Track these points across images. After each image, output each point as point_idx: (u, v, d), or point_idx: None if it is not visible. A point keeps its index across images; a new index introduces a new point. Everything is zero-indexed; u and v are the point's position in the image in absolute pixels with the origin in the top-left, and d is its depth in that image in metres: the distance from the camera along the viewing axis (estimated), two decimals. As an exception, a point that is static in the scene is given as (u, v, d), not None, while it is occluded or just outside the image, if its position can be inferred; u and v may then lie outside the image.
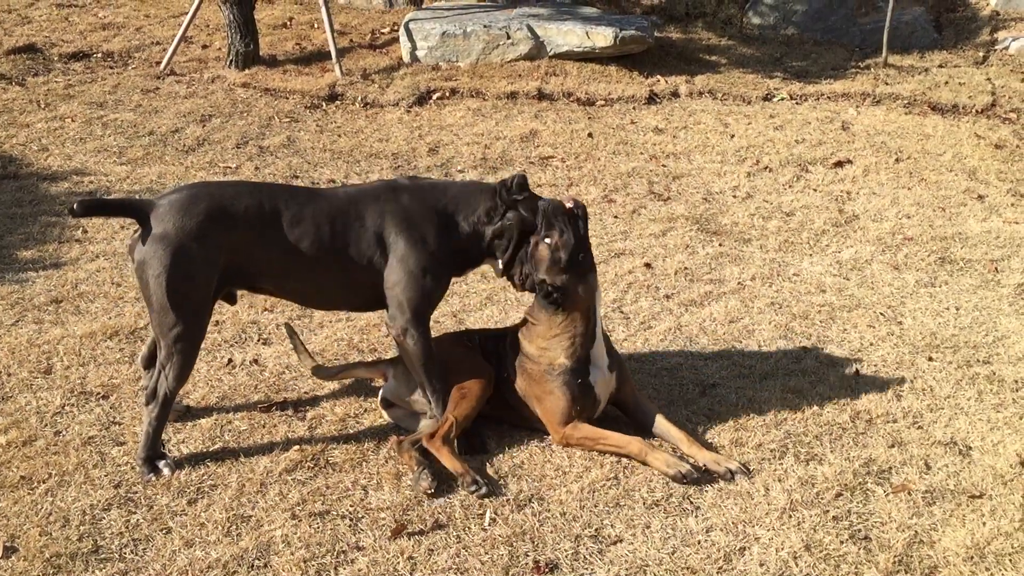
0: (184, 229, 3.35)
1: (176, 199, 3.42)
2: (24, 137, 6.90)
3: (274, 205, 3.51)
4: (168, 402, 3.47)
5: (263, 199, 3.51)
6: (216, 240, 3.39)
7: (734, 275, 5.19)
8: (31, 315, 4.61)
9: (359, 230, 3.56)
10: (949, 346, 4.46)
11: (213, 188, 3.54)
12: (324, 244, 3.53)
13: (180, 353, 3.42)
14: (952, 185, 6.45)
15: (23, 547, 3.11)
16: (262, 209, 3.48)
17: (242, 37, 8.36)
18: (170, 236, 3.33)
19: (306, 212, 3.54)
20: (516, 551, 3.16)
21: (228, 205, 3.43)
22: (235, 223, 3.43)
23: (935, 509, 3.35)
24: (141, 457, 3.49)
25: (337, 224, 3.55)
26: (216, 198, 3.44)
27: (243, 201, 3.47)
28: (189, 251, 3.34)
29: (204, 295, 3.43)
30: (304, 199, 3.60)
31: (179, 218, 3.35)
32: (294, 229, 3.50)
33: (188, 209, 3.37)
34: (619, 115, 7.84)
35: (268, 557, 3.11)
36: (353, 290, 3.64)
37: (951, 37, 9.77)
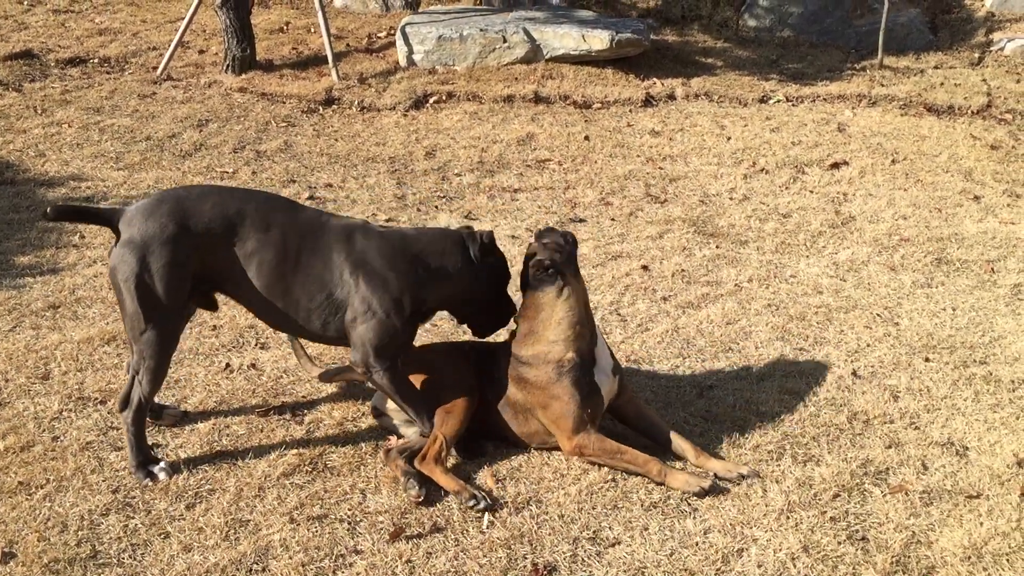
0: (149, 234, 3.34)
1: (142, 205, 3.43)
2: (21, 143, 6.90)
3: (240, 210, 3.45)
4: (142, 407, 3.47)
5: (229, 204, 3.45)
6: (182, 244, 3.36)
7: (731, 277, 5.20)
8: (28, 321, 4.62)
9: (324, 258, 3.49)
10: (946, 347, 4.47)
11: (180, 192, 3.52)
12: (287, 261, 3.46)
13: (152, 357, 3.41)
14: (948, 186, 6.47)
15: (21, 552, 3.11)
16: (227, 214, 3.43)
17: (239, 42, 8.37)
18: (136, 241, 3.34)
19: (274, 223, 3.47)
20: (514, 554, 3.16)
21: (192, 209, 3.40)
22: (199, 227, 3.39)
23: (932, 509, 3.36)
24: (133, 465, 3.50)
25: (305, 243, 3.48)
26: (181, 202, 3.41)
27: (208, 205, 3.43)
28: (155, 256, 3.33)
29: (173, 299, 3.39)
30: (276, 209, 3.53)
31: (145, 224, 3.35)
32: (259, 238, 3.44)
33: (152, 214, 3.37)
34: (615, 118, 7.85)
35: (266, 561, 3.11)
36: (308, 316, 3.52)
37: (946, 38, 9.79)
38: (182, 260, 3.37)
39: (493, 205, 6.18)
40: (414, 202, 6.19)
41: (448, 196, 6.30)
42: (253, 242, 3.43)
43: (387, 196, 6.24)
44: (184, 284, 3.41)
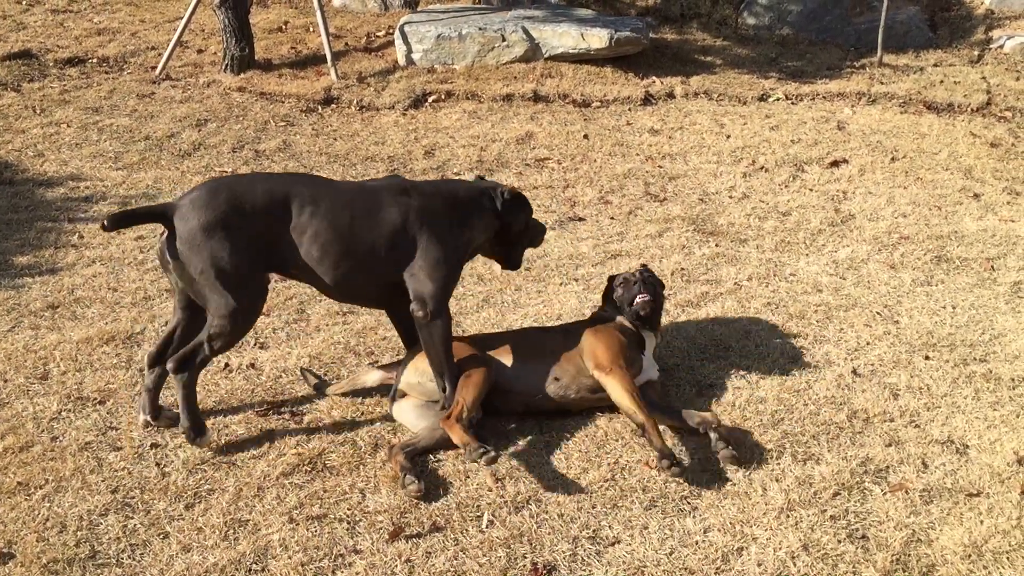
0: (210, 224, 3.46)
1: (196, 196, 3.53)
2: (20, 143, 6.89)
3: (291, 191, 3.62)
4: (199, 368, 3.62)
5: (278, 187, 3.64)
6: (243, 229, 3.50)
7: (731, 275, 5.19)
8: (27, 321, 4.61)
9: (379, 220, 3.68)
10: (946, 345, 4.46)
11: (231, 180, 3.68)
12: (342, 232, 3.62)
13: (233, 330, 3.55)
14: (948, 184, 6.46)
15: (20, 553, 3.11)
16: (278, 195, 3.59)
17: (237, 41, 8.36)
18: (198, 234, 3.46)
19: (323, 201, 3.64)
20: (514, 553, 3.16)
21: (246, 195, 3.55)
22: (257, 211, 3.54)
23: (932, 508, 3.35)
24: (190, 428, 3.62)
25: (355, 212, 3.66)
26: (233, 189, 3.57)
27: (259, 190, 3.59)
28: (221, 243, 3.46)
29: (248, 275, 3.54)
30: (321, 186, 3.75)
31: (204, 214, 3.46)
32: (313, 217, 3.60)
33: (209, 204, 3.49)
34: (615, 116, 7.84)
35: (266, 561, 3.11)
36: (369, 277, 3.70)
37: (946, 36, 9.78)
38: (245, 244, 3.50)
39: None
40: (413, 201, 6.19)
41: (447, 195, 6.29)
42: (307, 217, 3.58)
43: (386, 195, 6.23)
44: (255, 263, 3.55)
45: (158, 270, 5.17)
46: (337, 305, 4.80)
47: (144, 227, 5.66)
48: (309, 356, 4.36)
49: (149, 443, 3.70)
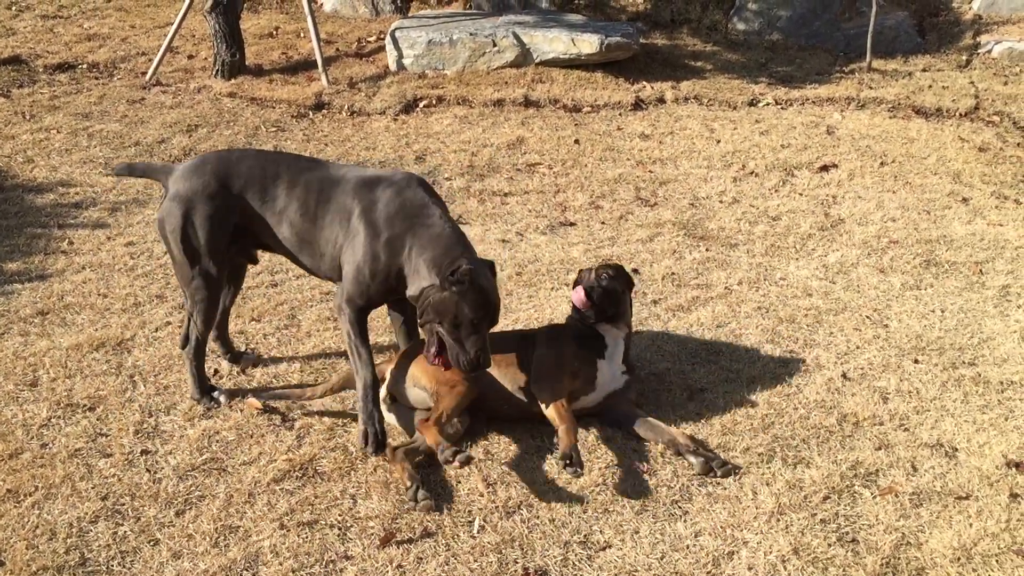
0: (193, 189, 3.76)
1: (189, 164, 3.88)
2: (9, 149, 6.87)
3: (275, 170, 3.81)
4: (201, 344, 3.95)
5: (265, 163, 3.83)
6: (222, 199, 3.76)
7: (721, 280, 5.21)
8: (17, 327, 4.60)
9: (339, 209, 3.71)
10: (935, 348, 4.48)
11: (222, 154, 3.95)
12: (308, 213, 3.74)
13: (201, 301, 3.85)
14: (936, 188, 6.49)
15: (10, 561, 3.09)
16: (263, 172, 3.79)
17: (228, 47, 8.35)
18: (181, 196, 3.78)
19: (300, 180, 3.78)
20: (505, 558, 3.16)
21: (232, 168, 3.80)
22: (238, 182, 3.78)
23: (922, 511, 3.37)
24: (196, 394, 3.98)
25: (323, 196, 3.73)
26: (222, 162, 3.84)
27: (245, 166, 3.81)
28: (198, 209, 3.75)
29: (214, 248, 3.79)
30: (303, 167, 3.84)
31: (190, 180, 3.79)
32: (287, 193, 3.76)
33: (196, 172, 3.81)
34: (605, 121, 7.86)
35: (257, 568, 3.10)
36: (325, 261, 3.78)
37: (934, 41, 9.83)
38: (222, 213, 3.77)
39: (483, 209, 6.18)
40: (404, 206, 6.19)
41: (438, 200, 6.30)
42: (283, 198, 3.76)
43: (377, 201, 6.23)
44: (223, 235, 3.80)
45: (148, 276, 5.16)
46: (328, 311, 4.80)
47: (134, 233, 5.66)
48: (300, 362, 4.36)
49: (139, 449, 3.69)
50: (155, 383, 4.15)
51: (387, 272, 3.62)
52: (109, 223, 5.80)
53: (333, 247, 3.72)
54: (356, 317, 3.68)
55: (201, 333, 3.94)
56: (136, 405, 3.98)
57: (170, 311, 4.78)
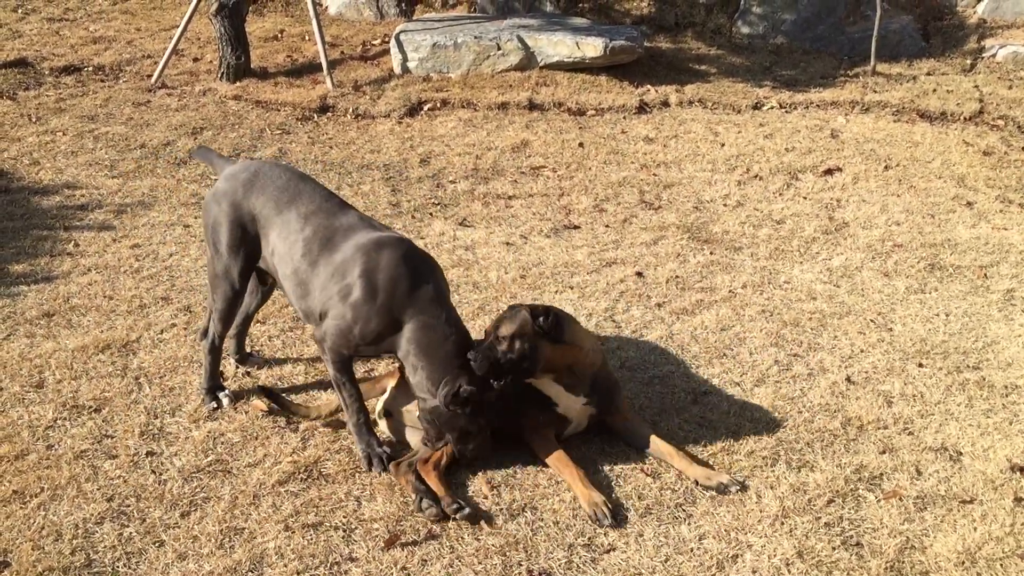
0: (225, 191, 3.87)
1: (235, 167, 4.01)
2: (15, 151, 6.89)
3: (294, 198, 3.80)
4: (215, 341, 4.00)
5: (289, 188, 3.83)
6: (243, 208, 3.83)
7: (725, 283, 5.21)
8: (23, 329, 4.61)
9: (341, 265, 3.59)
10: (939, 352, 4.48)
11: (263, 166, 3.98)
12: (309, 259, 3.67)
13: (217, 300, 3.93)
14: (941, 192, 6.49)
15: (16, 562, 3.11)
16: (282, 196, 3.81)
17: (233, 50, 8.37)
18: (218, 193, 3.90)
19: (313, 221, 3.73)
20: (509, 560, 3.16)
21: (262, 183, 3.85)
22: (259, 200, 3.82)
23: (926, 515, 3.37)
24: (204, 388, 4.03)
25: (329, 244, 3.66)
26: (257, 174, 3.89)
27: (272, 186, 3.84)
28: (224, 211, 3.84)
29: (234, 253, 3.84)
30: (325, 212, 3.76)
31: (228, 181, 3.90)
32: (298, 232, 3.72)
33: (234, 176, 3.91)
34: (610, 125, 7.87)
35: (262, 569, 3.11)
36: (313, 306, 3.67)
37: (939, 45, 9.83)
38: (242, 224, 3.83)
39: (488, 212, 6.18)
40: (409, 209, 6.20)
41: (443, 203, 6.31)
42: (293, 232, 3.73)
43: (382, 203, 6.24)
44: (245, 243, 3.84)
45: (154, 278, 5.18)
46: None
47: (139, 236, 5.67)
48: (305, 364, 4.37)
49: (145, 451, 3.71)
50: (160, 385, 4.16)
51: (377, 336, 3.54)
52: (115, 225, 5.81)
53: (320, 292, 3.62)
54: (343, 362, 3.64)
55: (218, 332, 3.99)
56: (142, 407, 3.99)
57: (175, 313, 4.79)
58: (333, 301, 3.57)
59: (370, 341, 3.56)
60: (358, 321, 3.52)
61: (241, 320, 4.25)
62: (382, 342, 3.56)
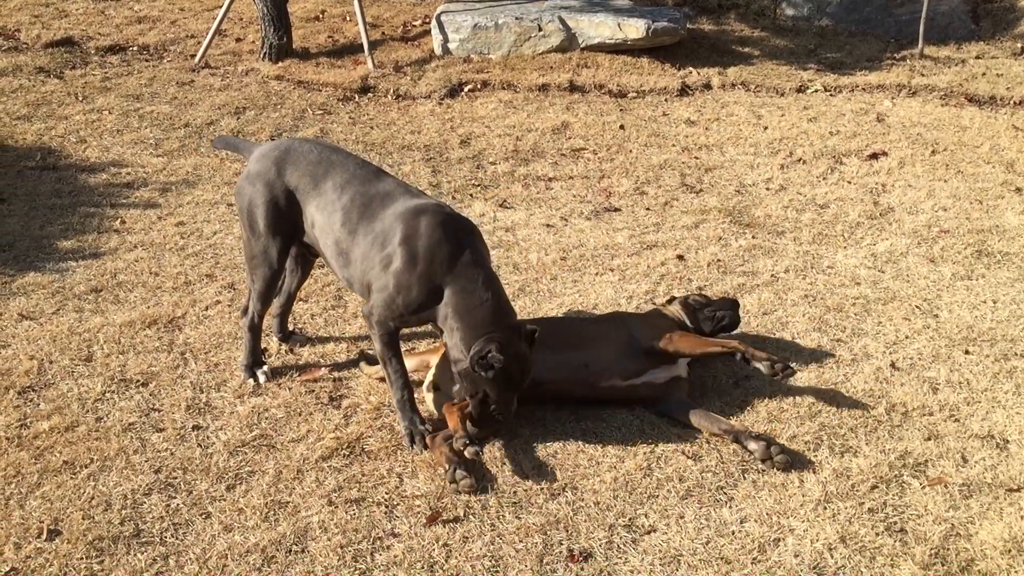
0: (256, 173, 3.90)
1: (263, 147, 4.04)
2: (63, 129, 7.00)
3: (330, 172, 3.82)
4: (254, 319, 4.05)
5: (323, 160, 3.86)
6: (276, 187, 3.85)
7: (767, 267, 5.17)
8: (71, 304, 4.69)
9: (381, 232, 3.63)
10: (986, 339, 4.41)
11: (293, 143, 4.00)
12: (349, 227, 3.70)
13: (259, 280, 3.97)
14: (989, 177, 6.37)
15: (66, 530, 3.18)
16: (317, 169, 3.83)
17: (275, 30, 8.41)
18: (250, 176, 3.93)
19: (350, 189, 3.75)
20: (550, 539, 3.18)
21: (293, 159, 3.88)
22: (292, 176, 3.85)
23: (972, 502, 3.33)
24: (243, 364, 4.08)
25: (367, 212, 3.69)
26: (287, 151, 3.92)
27: (305, 160, 3.87)
28: (258, 192, 3.87)
29: (271, 233, 3.87)
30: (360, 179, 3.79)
31: (257, 163, 3.93)
32: (335, 201, 3.75)
33: (265, 156, 3.94)
34: (651, 107, 7.82)
35: (305, 543, 3.15)
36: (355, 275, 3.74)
37: (988, 28, 9.63)
38: (278, 201, 3.85)
39: (528, 194, 6.18)
40: (449, 190, 6.21)
41: (483, 184, 6.31)
42: (330, 202, 3.76)
43: (422, 184, 6.26)
44: (282, 222, 3.87)
45: (198, 255, 5.24)
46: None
47: (184, 214, 5.74)
48: (347, 342, 4.41)
49: (191, 425, 3.77)
50: (206, 360, 4.22)
51: (420, 305, 3.56)
52: (160, 203, 5.89)
53: (362, 262, 3.67)
54: (389, 336, 3.67)
55: (257, 311, 4.03)
56: (187, 381, 4.05)
57: (220, 290, 4.85)
58: (375, 272, 3.61)
59: (414, 310, 3.57)
60: (400, 291, 3.55)
61: (284, 299, 4.29)
62: (425, 311, 3.58)
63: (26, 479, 3.42)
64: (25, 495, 3.34)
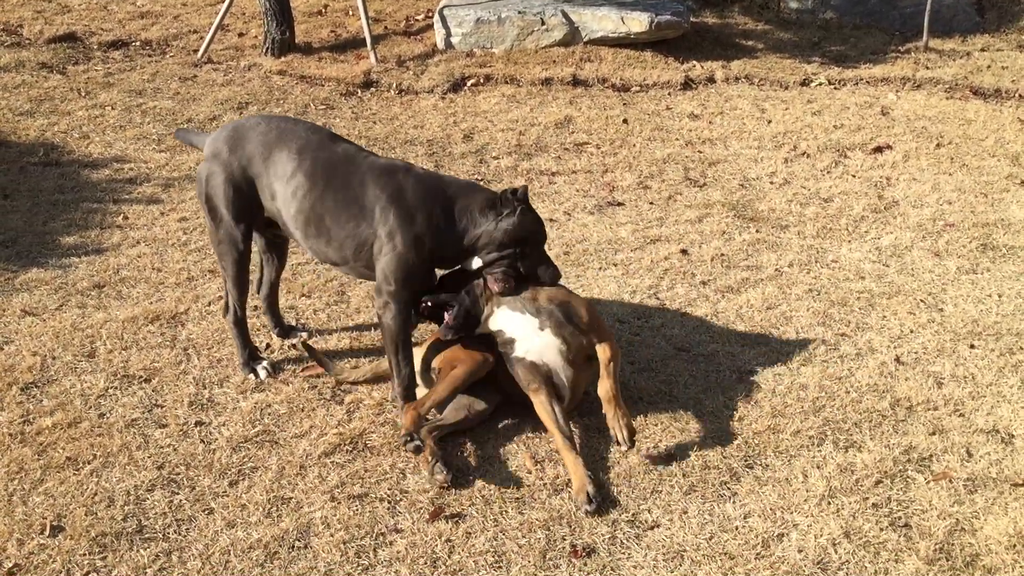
0: (211, 156, 3.88)
1: (216, 132, 3.99)
2: (65, 125, 6.99)
3: (282, 142, 3.78)
4: (237, 312, 4.03)
5: (272, 133, 3.81)
6: (232, 166, 3.82)
7: (771, 261, 5.15)
8: (74, 300, 4.69)
9: (358, 192, 3.66)
10: (991, 333, 4.40)
11: (242, 121, 3.97)
12: (316, 190, 3.69)
13: (229, 266, 3.94)
14: (994, 171, 6.35)
15: (69, 526, 3.17)
16: (268, 141, 3.79)
17: (278, 25, 8.40)
18: (206, 161, 3.91)
19: (308, 157, 3.73)
20: (553, 535, 3.17)
21: (243, 136, 3.85)
22: (245, 152, 3.82)
23: (977, 497, 3.32)
24: (240, 362, 4.07)
25: (336, 175, 3.70)
26: (237, 129, 3.89)
27: (256, 133, 3.84)
28: (215, 175, 3.84)
29: (232, 216, 3.84)
30: (316, 144, 3.78)
31: (210, 147, 3.91)
32: (295, 168, 3.73)
33: (216, 139, 3.91)
34: (654, 101, 7.79)
35: (308, 538, 3.15)
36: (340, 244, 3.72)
37: (993, 20, 9.59)
38: (234, 181, 3.82)
39: (531, 188, 6.16)
40: (452, 185, 6.20)
41: (486, 179, 6.30)
42: (289, 170, 3.74)
43: (425, 179, 6.25)
44: (241, 203, 3.84)
45: (201, 251, 5.23)
46: (377, 287, 4.84)
47: (187, 209, 5.73)
48: (350, 338, 4.40)
49: (194, 421, 3.76)
50: (208, 356, 4.21)
51: (432, 251, 3.62)
52: (163, 199, 5.88)
53: (339, 227, 3.67)
54: (403, 313, 3.65)
55: (236, 300, 4.00)
56: (190, 377, 4.05)
57: (222, 286, 4.83)
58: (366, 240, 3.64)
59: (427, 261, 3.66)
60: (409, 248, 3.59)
61: (267, 291, 4.29)
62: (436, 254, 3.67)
63: (29, 475, 3.42)
64: (28, 491, 3.34)
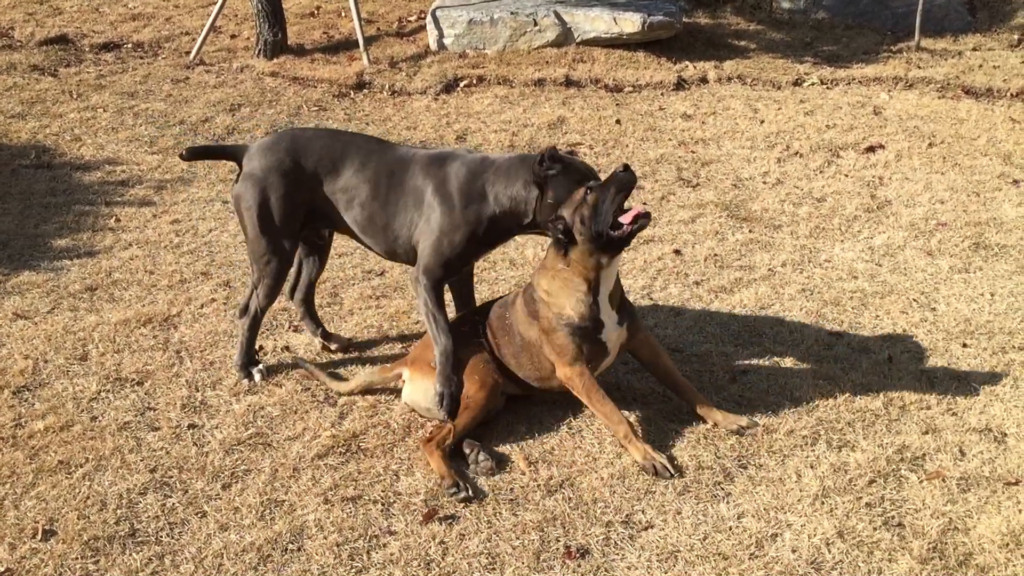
0: (268, 167, 3.84)
1: (263, 142, 3.96)
2: (57, 127, 6.98)
3: (346, 150, 3.88)
4: (257, 316, 4.01)
5: (336, 144, 3.90)
6: (295, 177, 3.84)
7: (764, 261, 5.15)
8: (66, 303, 4.68)
9: (407, 188, 3.80)
10: (984, 332, 4.40)
11: (297, 132, 4.02)
12: (379, 194, 3.82)
13: (270, 276, 3.91)
14: (986, 170, 6.36)
15: (61, 530, 3.16)
16: (333, 152, 3.87)
17: (270, 26, 8.39)
18: (257, 174, 3.85)
19: (370, 162, 3.86)
20: (547, 536, 3.17)
21: (305, 147, 3.88)
22: (310, 163, 3.86)
23: (970, 496, 3.32)
24: (237, 364, 4.04)
25: (394, 178, 3.82)
26: (296, 140, 3.92)
27: (318, 145, 3.89)
28: (273, 187, 3.83)
29: (287, 226, 3.87)
30: (373, 149, 3.92)
31: (265, 158, 3.86)
32: (357, 175, 3.84)
33: (271, 149, 3.88)
34: (647, 101, 7.80)
35: (302, 541, 3.14)
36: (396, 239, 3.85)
37: (985, 20, 9.61)
38: (295, 191, 3.85)
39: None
40: (445, 186, 6.19)
41: (479, 180, 6.30)
42: (353, 179, 3.84)
43: (418, 180, 6.24)
44: (297, 212, 3.88)
45: (193, 253, 5.22)
46: (370, 289, 4.83)
47: (179, 211, 5.72)
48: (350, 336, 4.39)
49: (187, 423, 3.75)
50: (201, 359, 4.20)
51: (470, 236, 3.71)
52: (155, 201, 5.87)
53: (409, 229, 3.80)
54: (435, 287, 3.74)
55: (262, 307, 4.00)
56: (183, 380, 4.04)
57: (215, 288, 4.84)
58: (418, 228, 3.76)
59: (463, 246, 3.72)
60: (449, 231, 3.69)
61: (305, 291, 4.29)
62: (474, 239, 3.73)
63: (21, 479, 3.41)
64: (20, 495, 3.33)
